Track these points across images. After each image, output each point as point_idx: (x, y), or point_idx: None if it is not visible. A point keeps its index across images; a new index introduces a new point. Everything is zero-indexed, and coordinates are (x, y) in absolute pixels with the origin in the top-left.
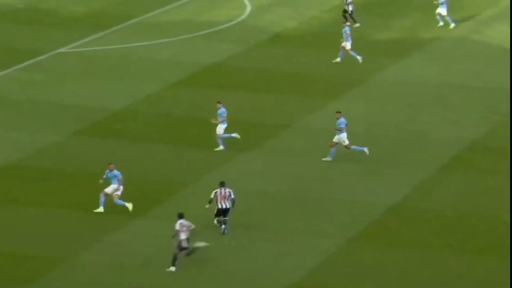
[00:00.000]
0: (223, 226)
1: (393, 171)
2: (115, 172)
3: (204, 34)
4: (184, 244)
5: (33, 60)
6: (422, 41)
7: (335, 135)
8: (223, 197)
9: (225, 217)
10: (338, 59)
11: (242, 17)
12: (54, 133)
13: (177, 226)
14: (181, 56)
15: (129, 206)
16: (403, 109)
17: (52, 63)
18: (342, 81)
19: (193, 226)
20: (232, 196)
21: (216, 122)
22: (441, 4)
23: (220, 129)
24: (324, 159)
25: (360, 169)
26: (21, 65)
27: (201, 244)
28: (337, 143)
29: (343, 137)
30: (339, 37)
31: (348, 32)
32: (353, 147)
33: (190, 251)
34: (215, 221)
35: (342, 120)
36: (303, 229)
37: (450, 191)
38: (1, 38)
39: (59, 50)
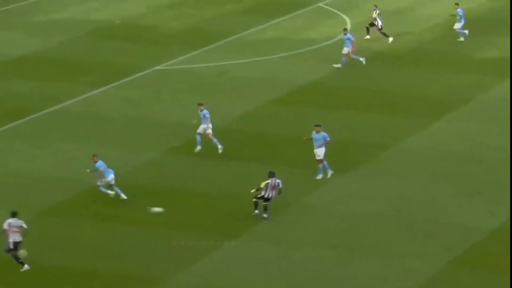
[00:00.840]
0: (264, 215)
1: (496, 194)
2: (100, 163)
3: (302, 52)
4: (10, 246)
5: (129, 78)
6: None
7: (433, 155)
8: (272, 187)
9: (265, 202)
10: (340, 65)
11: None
12: (148, 150)
13: (5, 226)
14: (277, 74)
15: (111, 193)
16: (507, 129)
17: (148, 81)
18: (443, 100)
19: (24, 227)
20: (280, 186)
21: (194, 122)
22: (459, 19)
23: (201, 129)
24: (317, 177)
25: (462, 191)
26: (117, 83)
27: (23, 253)
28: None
29: (319, 152)
30: (439, 56)
31: (352, 39)
32: (325, 162)
33: (13, 255)
34: (254, 200)
35: (324, 134)
36: (401, 251)
37: None
38: (98, 55)
39: (155, 68)
